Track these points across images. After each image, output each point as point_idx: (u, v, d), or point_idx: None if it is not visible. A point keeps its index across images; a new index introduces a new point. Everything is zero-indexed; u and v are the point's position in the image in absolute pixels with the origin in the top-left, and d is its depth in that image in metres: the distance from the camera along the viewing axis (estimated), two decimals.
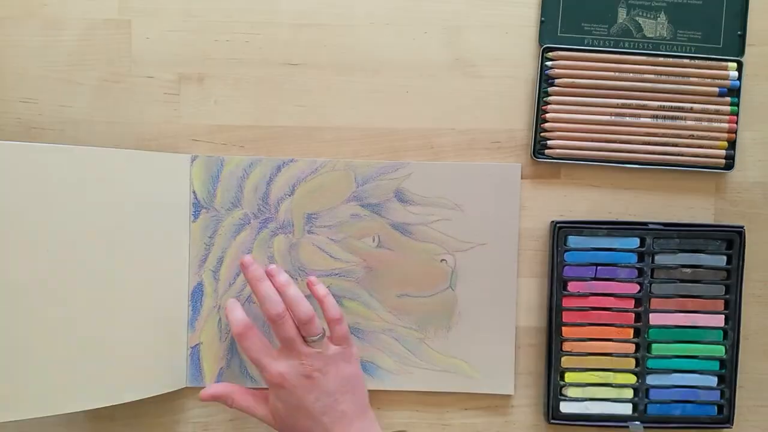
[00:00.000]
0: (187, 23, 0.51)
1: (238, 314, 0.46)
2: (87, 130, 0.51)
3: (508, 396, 0.51)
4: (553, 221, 0.50)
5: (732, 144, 0.50)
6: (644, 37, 0.50)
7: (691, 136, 0.50)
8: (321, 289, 0.46)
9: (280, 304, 0.44)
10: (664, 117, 0.50)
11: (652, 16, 0.49)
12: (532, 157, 0.51)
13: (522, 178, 0.51)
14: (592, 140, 0.50)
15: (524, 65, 0.51)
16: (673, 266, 0.50)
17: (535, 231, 0.51)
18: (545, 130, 0.50)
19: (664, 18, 0.50)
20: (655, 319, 0.50)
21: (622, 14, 0.50)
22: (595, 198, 0.51)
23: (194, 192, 0.51)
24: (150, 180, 0.48)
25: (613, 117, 0.50)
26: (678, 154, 0.50)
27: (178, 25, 0.51)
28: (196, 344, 0.51)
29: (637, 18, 0.49)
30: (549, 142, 0.50)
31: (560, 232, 0.50)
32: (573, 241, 0.50)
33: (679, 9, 0.50)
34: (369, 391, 0.51)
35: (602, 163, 0.50)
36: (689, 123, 0.50)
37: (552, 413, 0.50)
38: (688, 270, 0.50)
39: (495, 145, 0.51)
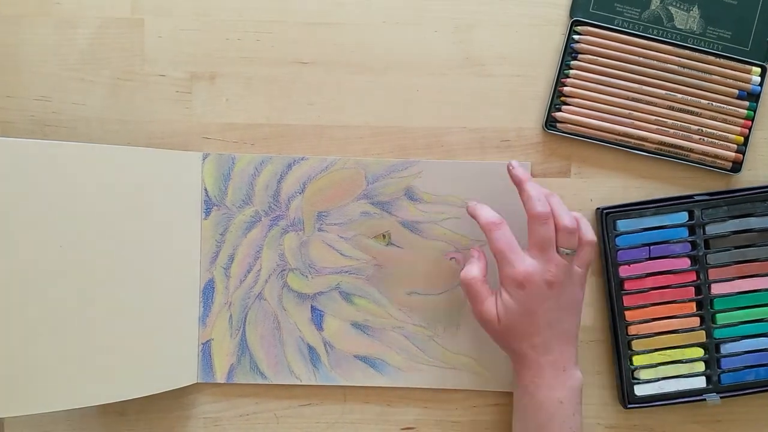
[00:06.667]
0: (199, 22, 0.51)
1: (488, 210, 0.45)
2: (99, 127, 0.51)
3: None
4: (598, 208, 0.50)
5: (740, 148, 0.50)
6: (674, 27, 0.50)
7: (700, 132, 0.50)
8: (575, 214, 0.46)
9: (547, 205, 0.44)
10: (680, 110, 0.50)
11: (685, 8, 0.49)
12: (543, 128, 0.51)
13: (532, 176, 0.51)
14: (605, 120, 0.50)
15: (535, 64, 0.51)
16: (725, 234, 0.50)
17: None
18: (561, 103, 0.50)
19: (697, 12, 0.49)
20: (716, 288, 0.50)
21: (656, 1, 0.50)
22: (604, 196, 0.51)
23: (205, 189, 0.51)
24: (161, 177, 0.49)
25: (629, 101, 0.50)
26: (687, 150, 0.50)
27: (190, 24, 0.51)
28: (207, 340, 0.51)
29: (670, 7, 0.49)
30: (562, 115, 0.50)
31: (608, 217, 0.50)
32: (622, 224, 0.50)
33: (713, 5, 0.50)
34: (378, 387, 0.51)
35: (611, 146, 0.50)
36: (702, 120, 0.50)
37: (628, 398, 0.50)
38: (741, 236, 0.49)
39: (505, 144, 0.51)
